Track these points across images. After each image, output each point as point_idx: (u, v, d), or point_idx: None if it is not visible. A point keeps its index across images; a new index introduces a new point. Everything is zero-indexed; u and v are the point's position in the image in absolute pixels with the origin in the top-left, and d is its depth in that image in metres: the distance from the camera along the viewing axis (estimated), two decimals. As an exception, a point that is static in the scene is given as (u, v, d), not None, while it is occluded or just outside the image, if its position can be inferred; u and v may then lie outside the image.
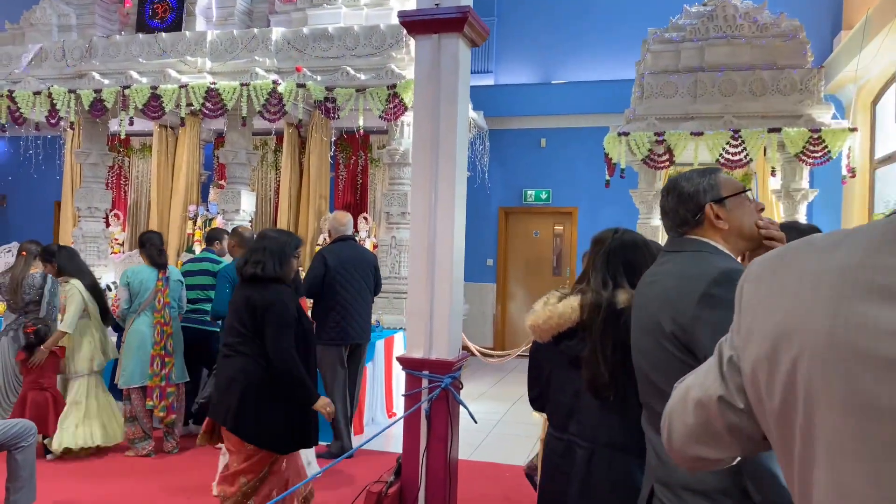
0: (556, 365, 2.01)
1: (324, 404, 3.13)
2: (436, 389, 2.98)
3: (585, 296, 1.94)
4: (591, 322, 1.90)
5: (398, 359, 3.17)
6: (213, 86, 6.97)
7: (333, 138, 8.22)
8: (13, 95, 7.54)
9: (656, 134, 6.80)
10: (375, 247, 8.05)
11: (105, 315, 5.26)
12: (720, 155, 6.68)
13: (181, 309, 5.36)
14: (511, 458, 5.33)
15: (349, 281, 5.18)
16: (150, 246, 5.22)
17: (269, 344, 3.08)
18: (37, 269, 5.47)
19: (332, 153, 8.45)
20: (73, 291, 5.04)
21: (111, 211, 9.26)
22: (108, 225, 9.15)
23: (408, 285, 3.20)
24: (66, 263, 5.24)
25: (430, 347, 3.06)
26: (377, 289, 5.49)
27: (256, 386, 3.13)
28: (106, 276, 7.72)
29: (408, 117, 6.97)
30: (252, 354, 3.14)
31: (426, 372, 3.03)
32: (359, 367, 5.46)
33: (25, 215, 11.56)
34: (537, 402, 2.23)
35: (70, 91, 7.33)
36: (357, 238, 8.37)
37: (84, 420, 5.02)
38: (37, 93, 7.48)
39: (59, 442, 4.94)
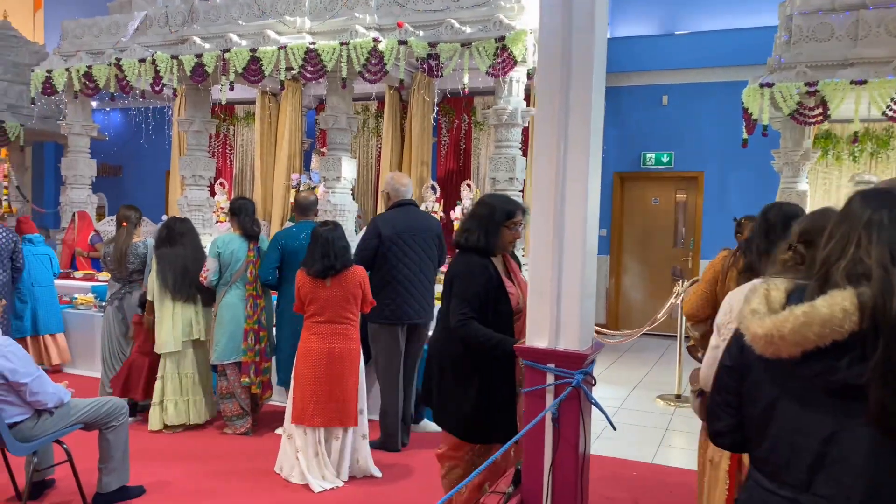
0: (794, 393, 1.30)
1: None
2: (565, 388, 2.43)
3: (861, 291, 1.22)
4: (880, 333, 1.22)
5: (516, 348, 2.64)
6: (312, 46, 6.62)
7: (436, 100, 7.71)
8: (120, 63, 7.51)
9: (807, 84, 5.85)
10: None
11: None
12: (887, 107, 5.67)
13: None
14: (636, 452, 4.73)
15: (406, 252, 4.61)
16: (244, 215, 4.91)
17: (451, 318, 2.91)
18: (139, 237, 5.42)
19: (434, 116, 7.96)
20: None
21: (217, 179, 9.24)
22: (213, 194, 9.14)
23: (529, 259, 2.66)
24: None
25: (558, 335, 2.51)
26: (441, 261, 4.91)
27: (448, 364, 3.01)
28: (207, 244, 7.65)
29: (517, 73, 6.35)
30: (446, 328, 3.00)
31: (552, 366, 2.50)
32: (417, 355, 4.81)
33: (140, 184, 11.86)
34: (728, 437, 1.52)
35: (172, 57, 7.20)
36: (422, 205, 7.89)
37: (179, 397, 4.90)
38: (142, 60, 7.41)
39: (154, 420, 4.86)
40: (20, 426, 3.20)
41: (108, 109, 11.79)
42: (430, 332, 4.65)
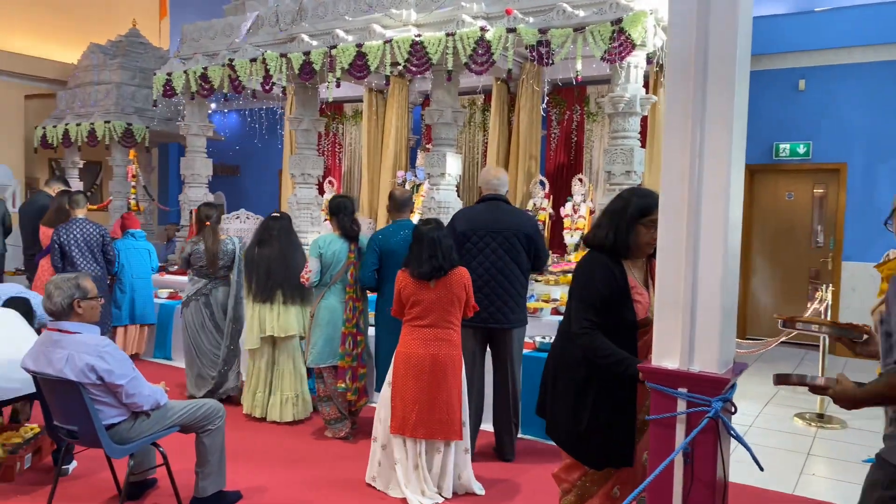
0: None
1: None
2: (700, 417, 2.03)
3: None
4: None
5: (640, 368, 2.26)
6: (417, 38, 6.42)
7: (546, 91, 7.31)
8: (233, 64, 7.64)
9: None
10: (592, 212, 7.09)
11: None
12: None
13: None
14: (775, 480, 4.16)
15: (481, 250, 4.24)
16: (343, 214, 4.76)
17: (573, 324, 2.62)
18: (224, 235, 5.58)
19: (543, 107, 7.56)
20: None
21: (326, 178, 9.29)
22: (322, 192, 9.18)
23: (656, 263, 2.26)
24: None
25: (691, 355, 2.11)
26: (537, 262, 4.43)
27: (563, 374, 2.73)
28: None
29: (635, 58, 5.86)
30: (565, 333, 2.72)
31: (684, 390, 2.10)
32: (506, 362, 4.33)
33: (255, 183, 12.21)
34: None
35: (281, 55, 7.23)
36: (529, 202, 7.48)
37: (258, 391, 5.09)
38: (252, 60, 7.50)
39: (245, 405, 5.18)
40: (117, 428, 3.15)
41: (225, 111, 12.22)
42: (518, 338, 4.35)
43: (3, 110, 11.78)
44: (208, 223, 5.42)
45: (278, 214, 5.20)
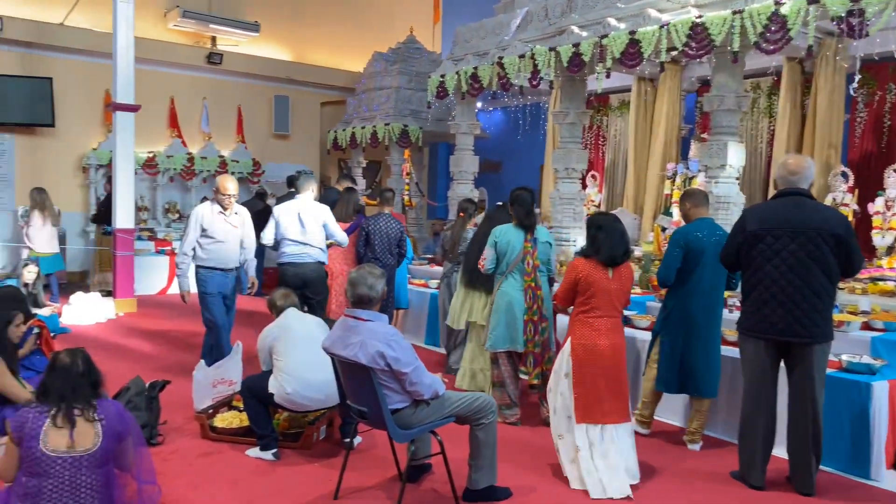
0: None
1: None
2: None
3: None
4: None
5: None
6: (698, 20, 5.91)
7: (857, 68, 6.29)
8: (501, 61, 7.77)
9: None
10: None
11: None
12: None
13: (551, 272, 5.04)
14: None
15: (777, 252, 3.68)
16: (518, 206, 4.85)
17: None
18: (472, 225, 6.03)
19: (853, 86, 6.51)
20: None
21: (588, 172, 9.08)
22: (584, 186, 8.99)
23: None
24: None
25: None
26: (849, 268, 3.73)
27: None
28: (580, 238, 7.48)
29: None
30: None
31: None
32: (804, 381, 3.72)
33: (516, 179, 12.38)
34: None
35: (550, 49, 7.18)
36: (828, 196, 6.38)
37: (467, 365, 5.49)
38: (521, 56, 7.56)
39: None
40: (401, 413, 3.30)
41: (489, 109, 12.59)
42: (820, 355, 3.71)
43: (304, 117, 13.46)
44: (462, 214, 6.07)
45: (501, 204, 5.39)
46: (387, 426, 3.25)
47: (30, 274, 6.98)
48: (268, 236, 5.79)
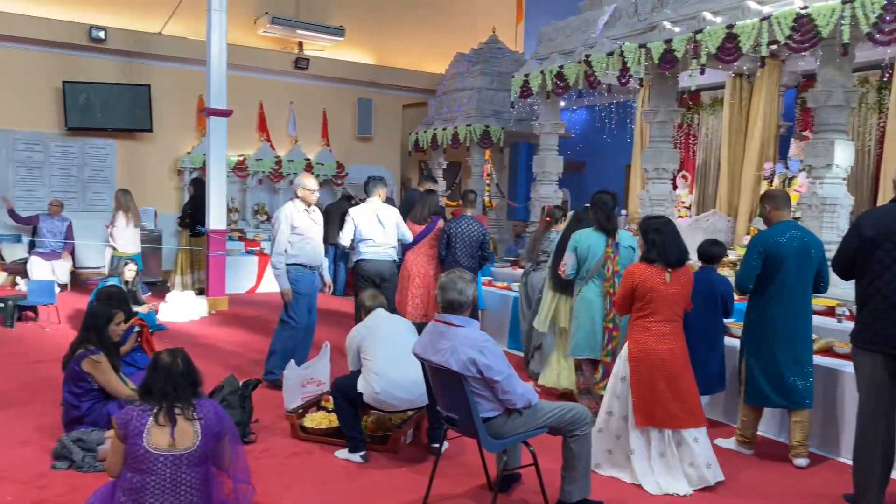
0: None
1: None
2: None
3: None
4: None
5: None
6: (803, 11, 5.56)
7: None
8: (588, 59, 7.58)
9: None
10: None
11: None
12: None
13: None
14: None
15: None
16: (599, 209, 4.76)
17: None
18: (558, 228, 5.96)
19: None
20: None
21: (679, 172, 8.75)
22: (675, 187, 8.66)
23: None
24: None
25: None
26: None
27: None
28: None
29: None
30: None
31: None
32: None
33: (600, 179, 12.11)
34: None
35: (640, 46, 6.94)
36: None
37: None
38: (609, 54, 7.34)
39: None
40: (492, 422, 3.23)
41: (574, 108, 12.35)
42: None
43: (386, 119, 13.60)
44: (549, 218, 6.10)
45: (588, 205, 5.30)
46: (478, 435, 3.18)
47: (130, 272, 7.32)
48: (346, 237, 6.09)
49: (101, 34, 10.50)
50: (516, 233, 10.89)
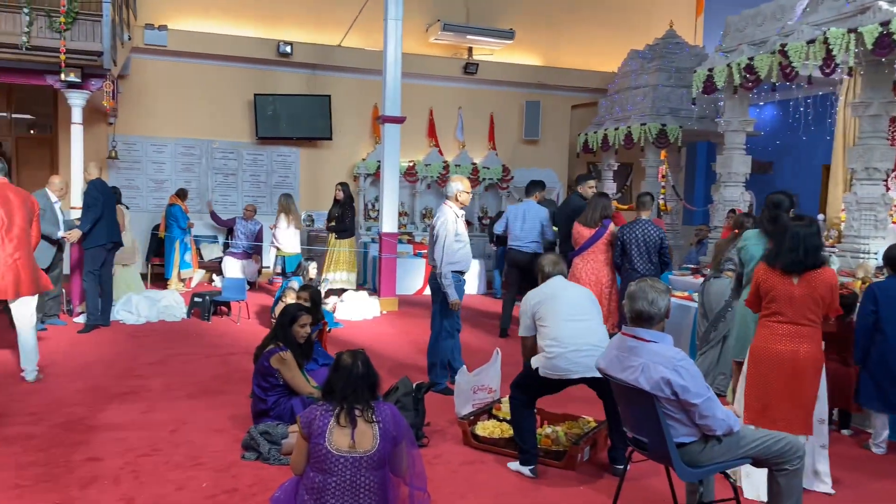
0: None
1: None
2: None
3: None
4: None
5: None
6: None
7: None
8: (784, 49, 6.87)
9: None
10: None
11: None
12: None
13: None
14: None
15: None
16: (769, 210, 4.47)
17: None
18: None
19: None
20: None
21: (893, 172, 7.69)
22: (887, 188, 7.63)
23: None
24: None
25: None
26: None
27: None
28: (880, 250, 6.32)
29: None
30: None
31: None
32: None
33: (790, 180, 11.03)
34: None
35: (849, 31, 6.16)
36: None
37: None
38: (810, 41, 6.61)
39: None
40: (687, 448, 2.91)
41: (761, 104, 11.36)
42: None
43: (554, 120, 13.34)
44: (737, 230, 5.63)
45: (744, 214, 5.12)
46: (671, 461, 2.88)
47: (313, 270, 7.73)
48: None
49: (288, 48, 11.24)
50: (699, 238, 10.16)
